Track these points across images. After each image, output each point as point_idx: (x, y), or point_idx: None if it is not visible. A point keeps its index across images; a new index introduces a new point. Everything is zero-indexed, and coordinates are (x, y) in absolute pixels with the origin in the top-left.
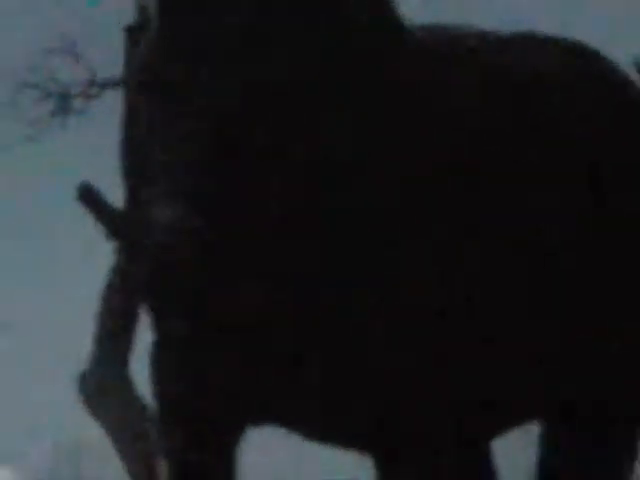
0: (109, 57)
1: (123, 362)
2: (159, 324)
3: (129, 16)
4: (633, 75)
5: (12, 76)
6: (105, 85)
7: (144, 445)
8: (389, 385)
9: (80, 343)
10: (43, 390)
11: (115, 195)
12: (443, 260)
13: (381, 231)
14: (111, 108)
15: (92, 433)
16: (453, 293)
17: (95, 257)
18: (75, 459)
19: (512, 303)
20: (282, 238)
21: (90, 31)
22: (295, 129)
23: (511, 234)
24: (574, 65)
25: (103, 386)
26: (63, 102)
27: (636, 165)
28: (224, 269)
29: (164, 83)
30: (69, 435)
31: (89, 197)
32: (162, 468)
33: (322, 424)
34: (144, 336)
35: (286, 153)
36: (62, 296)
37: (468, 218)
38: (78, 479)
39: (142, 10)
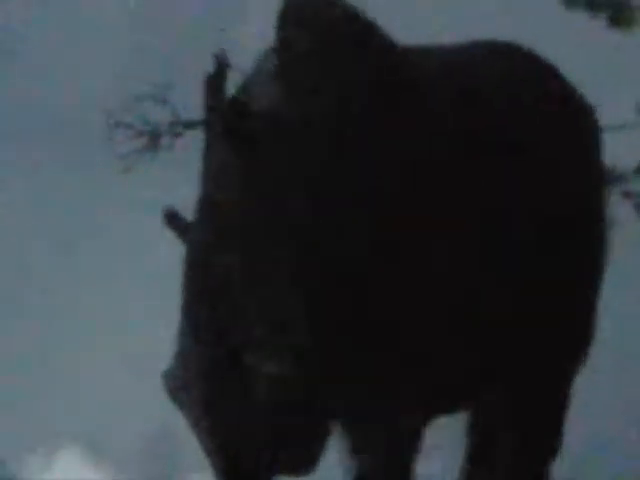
0: (191, 101)
1: None
2: None
3: (210, 65)
4: None
5: (109, 116)
6: (188, 125)
7: None
8: None
9: (167, 343)
10: (131, 381)
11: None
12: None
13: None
14: (193, 146)
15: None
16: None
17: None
18: (160, 446)
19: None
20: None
21: (176, 79)
22: None
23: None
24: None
25: (181, 384)
26: (152, 140)
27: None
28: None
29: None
30: (151, 421)
31: (174, 220)
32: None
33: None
34: None
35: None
36: (156, 304)
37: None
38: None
39: (218, 59)
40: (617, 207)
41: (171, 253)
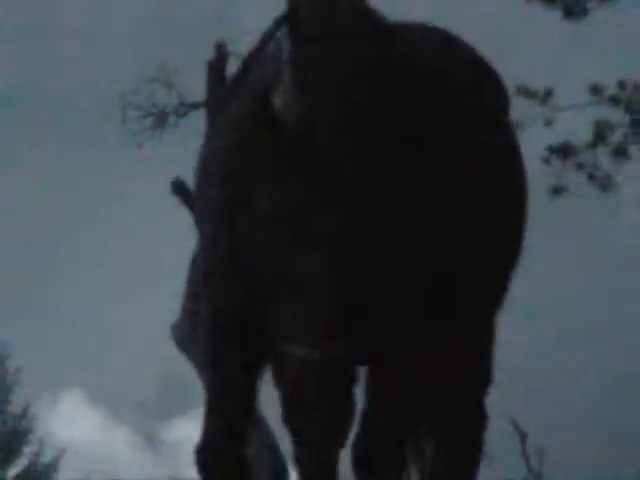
0: (195, 84)
1: None
2: None
3: (211, 54)
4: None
5: (121, 98)
6: (192, 107)
7: None
8: None
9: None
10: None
11: None
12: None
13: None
14: (196, 124)
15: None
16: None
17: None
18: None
19: None
20: None
21: (180, 64)
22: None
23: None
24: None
25: (187, 335)
26: (160, 120)
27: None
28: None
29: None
30: (147, 370)
31: (181, 190)
32: None
33: None
34: None
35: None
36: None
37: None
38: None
39: (219, 48)
40: (572, 177)
41: (176, 221)
